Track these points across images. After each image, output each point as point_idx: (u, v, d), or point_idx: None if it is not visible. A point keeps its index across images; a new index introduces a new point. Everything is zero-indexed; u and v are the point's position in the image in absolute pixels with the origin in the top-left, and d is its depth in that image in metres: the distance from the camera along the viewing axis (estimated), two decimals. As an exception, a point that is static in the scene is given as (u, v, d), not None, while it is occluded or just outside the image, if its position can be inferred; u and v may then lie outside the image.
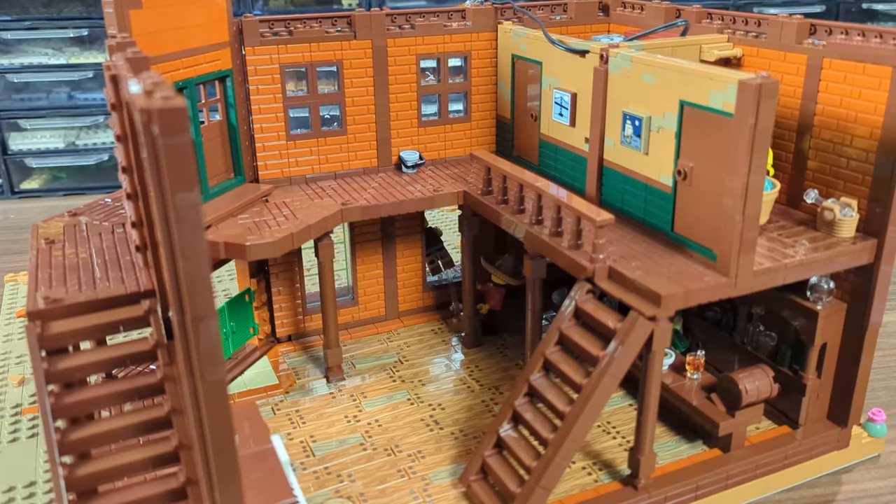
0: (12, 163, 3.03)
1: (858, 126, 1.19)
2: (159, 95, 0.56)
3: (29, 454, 1.39)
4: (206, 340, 0.62)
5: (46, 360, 0.86)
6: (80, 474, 0.80)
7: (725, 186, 1.07)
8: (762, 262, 1.13)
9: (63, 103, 3.04)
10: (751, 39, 1.37)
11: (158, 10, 1.17)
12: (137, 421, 0.84)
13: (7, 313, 1.98)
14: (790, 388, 1.31)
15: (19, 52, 2.99)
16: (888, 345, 1.70)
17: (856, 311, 1.26)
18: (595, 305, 1.14)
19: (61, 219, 1.23)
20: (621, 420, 1.41)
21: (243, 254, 1.22)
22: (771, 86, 1.00)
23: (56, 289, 0.96)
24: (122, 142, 0.92)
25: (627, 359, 1.06)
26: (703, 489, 1.24)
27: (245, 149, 1.43)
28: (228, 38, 1.35)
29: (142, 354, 0.89)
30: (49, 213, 1.29)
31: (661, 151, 1.20)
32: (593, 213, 1.12)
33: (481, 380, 1.54)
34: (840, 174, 1.24)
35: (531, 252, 1.29)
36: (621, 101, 1.26)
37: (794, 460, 1.31)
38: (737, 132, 1.03)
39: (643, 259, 1.16)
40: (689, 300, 1.08)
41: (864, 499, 1.29)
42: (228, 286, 1.99)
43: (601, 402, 1.07)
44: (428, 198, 1.42)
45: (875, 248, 1.20)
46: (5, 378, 1.65)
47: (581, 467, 1.28)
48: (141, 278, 0.98)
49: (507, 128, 1.63)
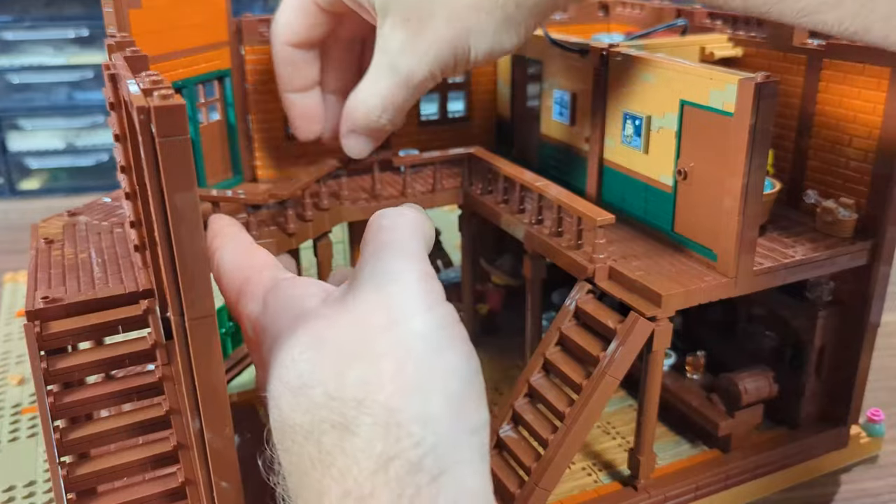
0: (12, 163, 3.03)
1: (857, 126, 1.19)
2: (158, 95, 0.56)
3: (28, 454, 1.39)
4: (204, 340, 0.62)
5: (45, 359, 0.86)
6: (79, 474, 0.80)
7: (725, 186, 1.07)
8: (762, 262, 1.13)
9: (63, 103, 3.04)
10: (751, 39, 1.37)
11: (158, 10, 1.16)
12: (136, 421, 0.84)
13: (6, 313, 1.98)
14: (789, 389, 1.31)
15: (19, 52, 2.98)
16: (887, 345, 1.70)
17: (855, 311, 1.26)
18: (595, 306, 1.13)
19: (60, 218, 1.22)
20: (621, 421, 1.41)
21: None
22: (771, 86, 1.00)
23: (55, 289, 0.96)
24: (122, 141, 0.92)
25: (627, 359, 1.06)
26: (703, 489, 1.24)
27: (243, 148, 1.43)
28: (227, 37, 1.35)
29: (140, 354, 0.89)
30: (48, 212, 1.29)
31: (661, 151, 1.20)
32: (593, 213, 1.12)
33: (481, 380, 1.54)
34: (839, 174, 1.24)
35: (531, 252, 1.29)
36: (621, 100, 1.26)
37: (794, 460, 1.30)
38: (737, 132, 1.03)
39: (643, 259, 1.16)
40: (689, 300, 1.08)
41: (863, 499, 1.29)
42: (228, 286, 1.99)
43: (601, 403, 1.06)
44: (427, 197, 1.41)
45: (874, 249, 1.20)
46: (5, 378, 1.64)
47: (581, 468, 1.28)
48: (140, 278, 0.98)
49: (507, 127, 1.63)
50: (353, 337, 0.57)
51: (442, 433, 0.50)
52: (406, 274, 0.60)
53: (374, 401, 0.51)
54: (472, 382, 0.55)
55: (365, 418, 0.51)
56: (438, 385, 0.52)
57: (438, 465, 0.50)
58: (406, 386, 0.51)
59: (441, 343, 0.55)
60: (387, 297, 0.58)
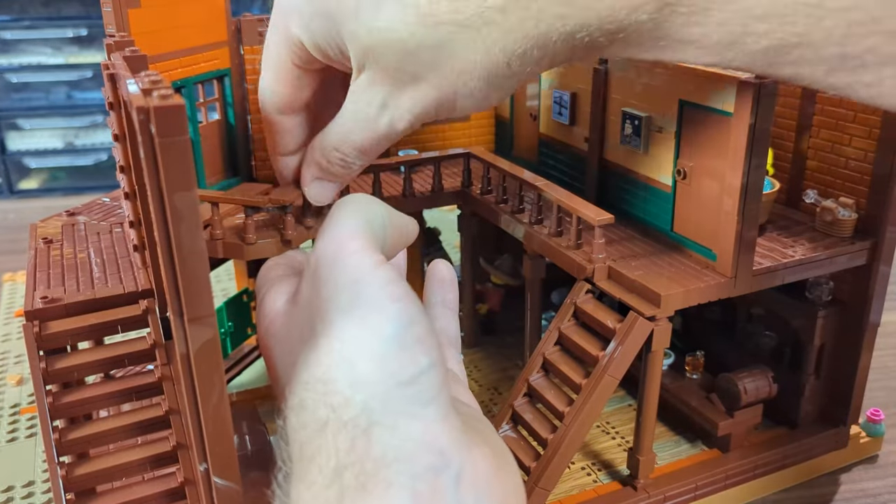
0: (11, 162, 3.03)
1: (857, 126, 1.19)
2: (157, 94, 0.55)
3: (27, 454, 1.39)
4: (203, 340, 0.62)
5: (44, 359, 0.86)
6: (78, 474, 0.80)
7: (725, 186, 1.07)
8: (761, 261, 1.13)
9: (62, 103, 3.04)
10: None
11: (157, 10, 1.16)
12: (135, 421, 0.84)
13: (6, 313, 1.97)
14: (789, 389, 1.31)
15: (18, 51, 2.98)
16: (886, 345, 1.70)
17: (854, 311, 1.26)
18: (594, 305, 1.13)
19: (59, 218, 1.22)
20: (621, 420, 1.41)
21: (241, 253, 1.21)
22: (770, 86, 1.00)
23: (54, 288, 0.96)
24: (121, 141, 0.92)
25: (627, 359, 1.06)
26: (702, 489, 1.24)
27: (243, 148, 1.43)
28: (227, 37, 1.35)
29: (140, 354, 0.89)
30: (47, 212, 1.28)
31: (660, 151, 1.20)
32: (592, 213, 1.12)
33: (480, 380, 1.54)
34: (839, 174, 1.24)
35: (530, 252, 1.29)
36: (621, 100, 1.26)
37: (793, 460, 1.30)
38: (736, 132, 1.03)
39: (642, 259, 1.16)
40: (688, 300, 1.08)
41: (863, 498, 1.29)
42: (227, 286, 1.99)
43: (600, 403, 1.07)
44: (427, 197, 1.41)
45: (873, 249, 1.20)
46: (4, 378, 1.64)
47: (580, 467, 1.28)
48: (139, 278, 0.98)
49: (507, 127, 1.62)
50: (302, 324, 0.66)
51: (370, 392, 0.56)
52: (335, 251, 0.63)
53: (316, 379, 0.58)
54: (398, 338, 0.58)
55: (312, 393, 0.58)
56: (365, 350, 0.57)
57: (368, 418, 0.55)
58: (335, 360, 0.57)
59: (364, 310, 0.59)
60: (316, 279, 0.63)
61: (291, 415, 0.60)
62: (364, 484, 0.55)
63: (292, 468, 0.59)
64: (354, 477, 0.55)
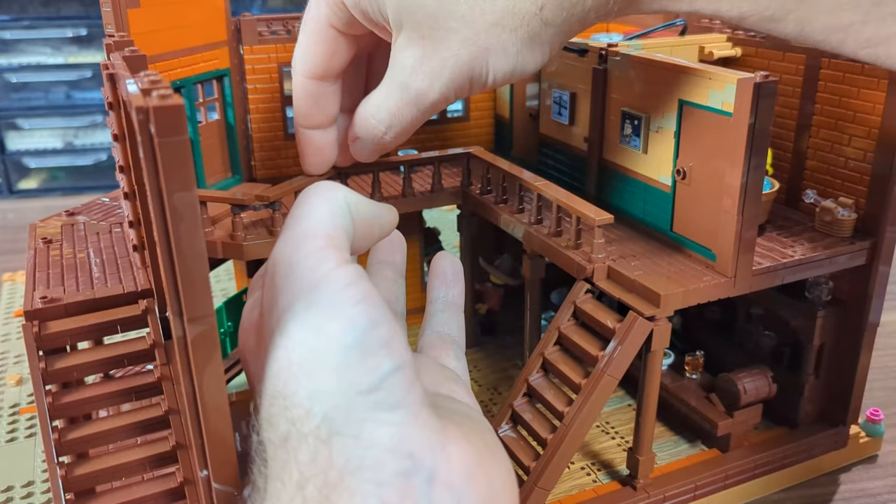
0: (10, 162, 3.03)
1: (856, 126, 1.19)
2: (156, 94, 0.55)
3: (27, 454, 1.39)
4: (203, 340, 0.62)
5: (44, 359, 0.86)
6: (77, 474, 0.80)
7: (724, 186, 1.07)
8: (761, 261, 1.13)
9: (61, 103, 3.04)
10: (750, 39, 1.37)
11: (156, 9, 1.16)
12: (135, 421, 0.84)
13: (5, 313, 1.97)
14: (788, 388, 1.31)
15: (18, 51, 2.98)
16: (886, 345, 1.70)
17: (854, 310, 1.26)
18: (594, 305, 1.13)
19: (59, 218, 1.22)
20: (620, 420, 1.41)
21: (241, 253, 1.21)
22: (769, 85, 1.00)
23: (53, 288, 0.96)
24: (120, 141, 0.92)
25: (626, 359, 1.06)
26: (702, 489, 1.24)
27: (242, 148, 1.43)
28: (226, 37, 1.35)
29: (139, 354, 0.89)
30: (47, 212, 1.28)
31: (660, 151, 1.20)
32: (592, 213, 1.12)
33: (480, 380, 1.54)
34: (838, 174, 1.24)
35: (530, 252, 1.29)
36: (620, 100, 1.26)
37: (793, 460, 1.30)
38: (736, 131, 1.03)
39: (642, 259, 1.16)
40: (688, 300, 1.08)
41: (862, 498, 1.29)
42: (227, 286, 1.99)
43: (600, 403, 1.06)
44: (427, 197, 1.41)
45: (873, 248, 1.20)
46: (3, 378, 1.64)
47: (580, 467, 1.28)
48: (138, 278, 0.98)
49: (506, 127, 1.63)
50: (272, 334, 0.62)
51: (331, 403, 0.54)
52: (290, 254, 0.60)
53: (277, 393, 0.56)
54: (359, 344, 0.55)
55: (275, 409, 0.56)
56: (321, 361, 0.55)
57: (329, 429, 0.54)
58: (293, 373, 0.56)
59: (321, 318, 0.56)
60: (273, 288, 0.60)
61: (261, 431, 0.58)
62: (328, 496, 0.53)
63: (264, 485, 0.57)
64: (317, 489, 0.53)
